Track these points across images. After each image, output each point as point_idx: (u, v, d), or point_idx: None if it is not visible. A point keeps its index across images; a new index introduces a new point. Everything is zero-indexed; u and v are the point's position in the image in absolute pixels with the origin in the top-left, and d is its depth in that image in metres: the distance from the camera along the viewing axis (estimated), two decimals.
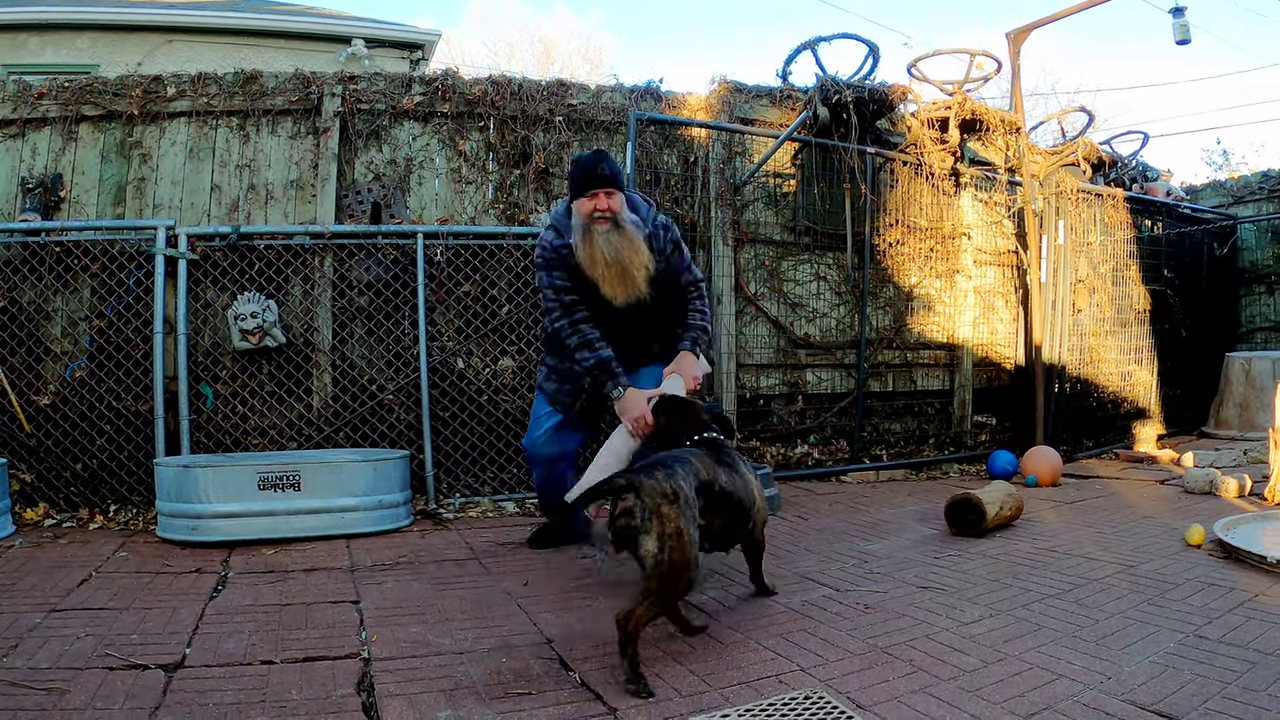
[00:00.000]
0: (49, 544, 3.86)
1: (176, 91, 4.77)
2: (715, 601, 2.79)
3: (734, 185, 5.11)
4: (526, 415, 4.60)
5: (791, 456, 5.21)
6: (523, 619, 2.66)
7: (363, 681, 2.19)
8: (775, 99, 5.32)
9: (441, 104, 4.82)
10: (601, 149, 3.14)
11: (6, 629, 2.63)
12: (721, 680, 2.12)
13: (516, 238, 4.69)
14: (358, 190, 4.72)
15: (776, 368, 5.24)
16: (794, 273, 5.28)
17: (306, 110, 4.77)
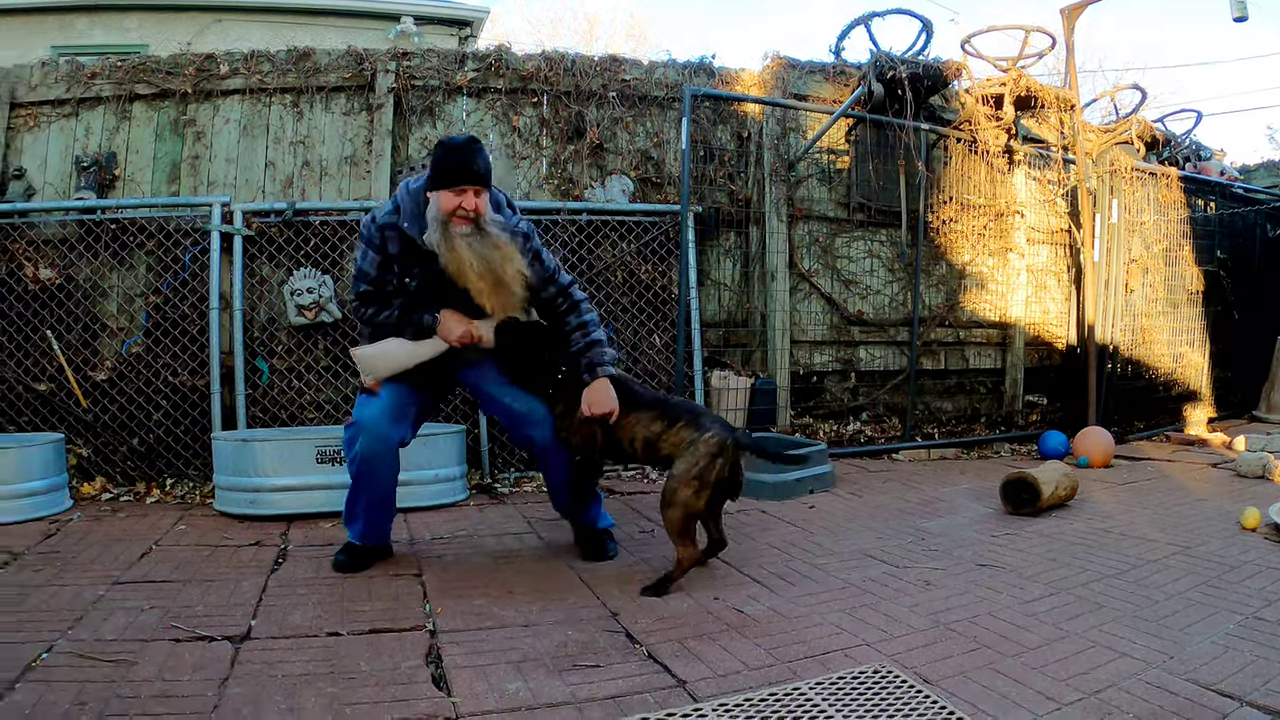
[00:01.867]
0: (107, 518, 3.87)
1: (230, 69, 4.77)
2: (777, 576, 2.77)
3: (788, 161, 5.06)
4: None
5: (844, 434, 5.15)
6: (585, 592, 2.65)
7: (430, 653, 2.18)
8: (829, 75, 5.27)
9: (495, 80, 4.80)
10: (474, 136, 2.78)
11: (70, 601, 2.63)
12: (788, 654, 2.11)
13: (571, 213, 4.66)
14: (412, 166, 4.70)
15: (830, 344, 5.19)
16: (847, 249, 5.23)
17: (360, 87, 4.76)
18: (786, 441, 4.55)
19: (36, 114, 4.84)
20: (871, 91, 5.10)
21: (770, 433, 4.80)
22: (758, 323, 5.04)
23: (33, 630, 2.38)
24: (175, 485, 4.37)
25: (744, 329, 5.08)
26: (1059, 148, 5.72)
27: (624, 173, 4.86)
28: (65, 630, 2.37)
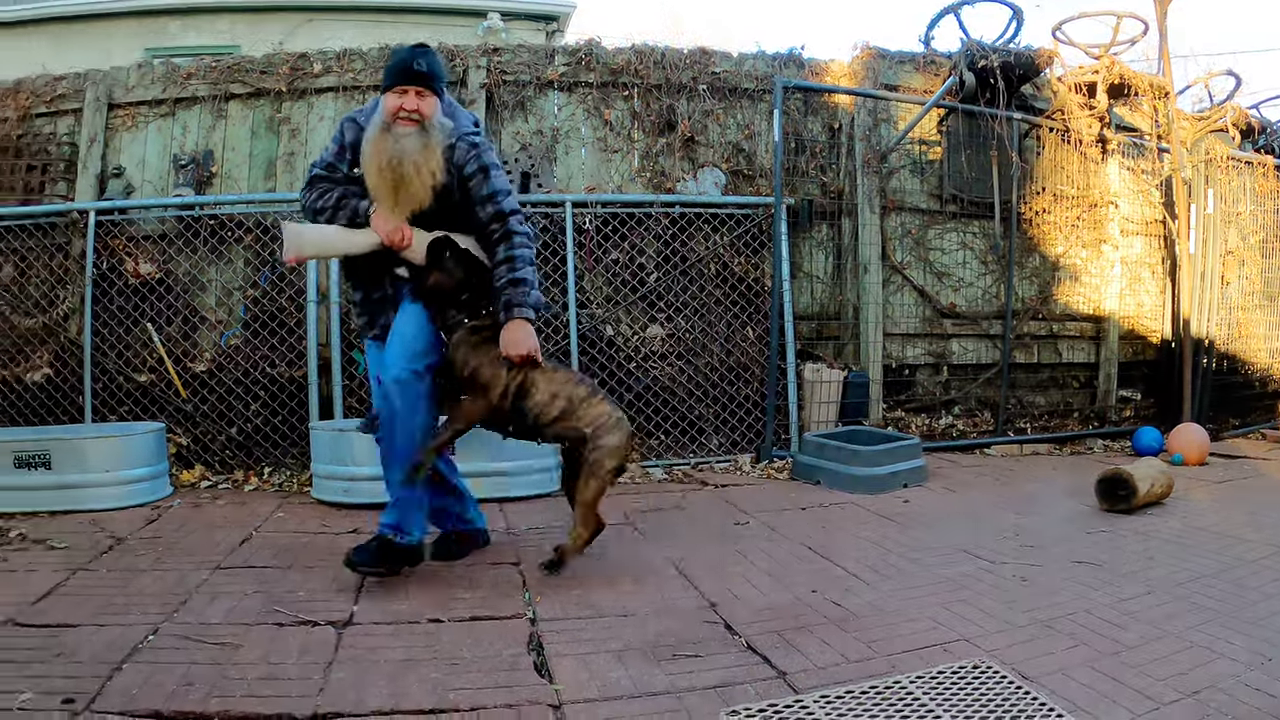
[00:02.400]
0: (207, 504, 3.92)
1: (323, 68, 4.83)
2: (873, 570, 2.73)
3: (880, 153, 4.98)
4: (675, 383, 4.55)
5: (936, 428, 5.06)
6: (682, 583, 2.63)
7: (530, 641, 2.17)
8: (919, 64, 5.19)
9: (585, 74, 4.80)
10: (423, 43, 2.66)
11: (174, 586, 2.67)
12: (888, 648, 2.09)
13: (664, 205, 4.63)
14: (505, 160, 4.71)
15: (922, 337, 5.10)
16: (940, 241, 5.13)
17: (452, 82, 4.76)
18: (878, 435, 4.48)
19: (134, 114, 4.95)
20: (963, 81, 5.01)
21: (863, 426, 4.72)
22: (850, 315, 4.97)
23: (139, 613, 2.42)
24: (273, 473, 4.41)
25: (836, 322, 5.01)
26: (1153, 136, 5.58)
27: (715, 165, 4.82)
28: (170, 613, 2.41)
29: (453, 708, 1.80)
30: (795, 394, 4.66)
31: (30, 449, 3.89)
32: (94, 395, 4.59)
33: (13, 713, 1.80)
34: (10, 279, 4.85)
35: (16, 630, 2.31)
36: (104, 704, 1.84)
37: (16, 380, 4.74)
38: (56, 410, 4.67)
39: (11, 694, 1.89)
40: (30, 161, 4.98)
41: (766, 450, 4.55)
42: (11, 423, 4.67)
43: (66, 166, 4.96)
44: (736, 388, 4.68)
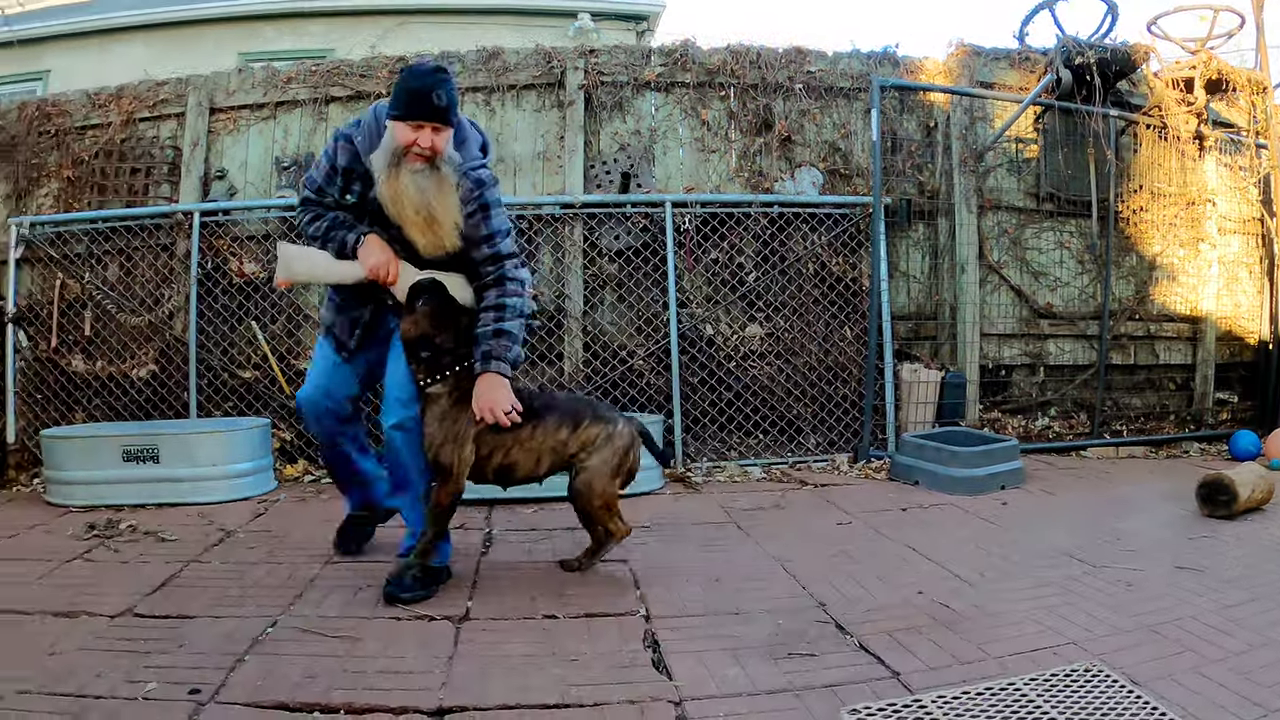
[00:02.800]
0: (311, 498, 3.99)
1: None
2: (978, 572, 2.70)
3: (977, 152, 4.94)
4: (774, 382, 4.54)
5: (1032, 429, 5.00)
6: (791, 582, 2.63)
7: (646, 638, 2.18)
8: (1013, 61, 5.13)
9: (681, 74, 4.81)
10: (442, 64, 2.46)
11: (287, 579, 2.71)
12: (998, 650, 2.07)
13: (763, 205, 4.63)
14: (604, 160, 4.74)
15: (1018, 337, 5.04)
16: (1036, 240, 5.07)
17: (549, 84, 4.82)
18: (975, 436, 4.44)
19: (235, 118, 5.05)
20: (1059, 78, 4.94)
21: (959, 427, 4.68)
22: (946, 315, 4.93)
23: (255, 605, 2.46)
24: None
25: (932, 321, 4.97)
26: (1250, 132, 5.46)
27: (812, 164, 4.81)
28: (286, 606, 2.44)
29: (576, 703, 1.82)
30: (892, 394, 4.63)
31: (139, 443, 3.99)
32: (199, 391, 4.69)
33: (138, 702, 1.84)
34: (116, 278, 4.97)
35: (136, 620, 2.37)
36: (229, 695, 1.87)
37: (123, 376, 4.86)
38: (162, 406, 4.78)
39: (137, 683, 1.93)
40: (134, 165, 5.10)
41: (864, 450, 4.53)
42: (118, 418, 4.79)
43: (170, 169, 5.07)
44: (834, 387, 4.66)
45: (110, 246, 4.92)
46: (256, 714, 1.79)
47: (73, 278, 4.94)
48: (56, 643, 2.19)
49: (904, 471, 4.22)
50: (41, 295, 4.97)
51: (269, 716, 1.78)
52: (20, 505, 4.07)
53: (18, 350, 4.92)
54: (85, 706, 1.82)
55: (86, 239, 4.94)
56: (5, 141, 5.26)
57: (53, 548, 3.18)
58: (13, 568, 2.91)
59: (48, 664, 2.06)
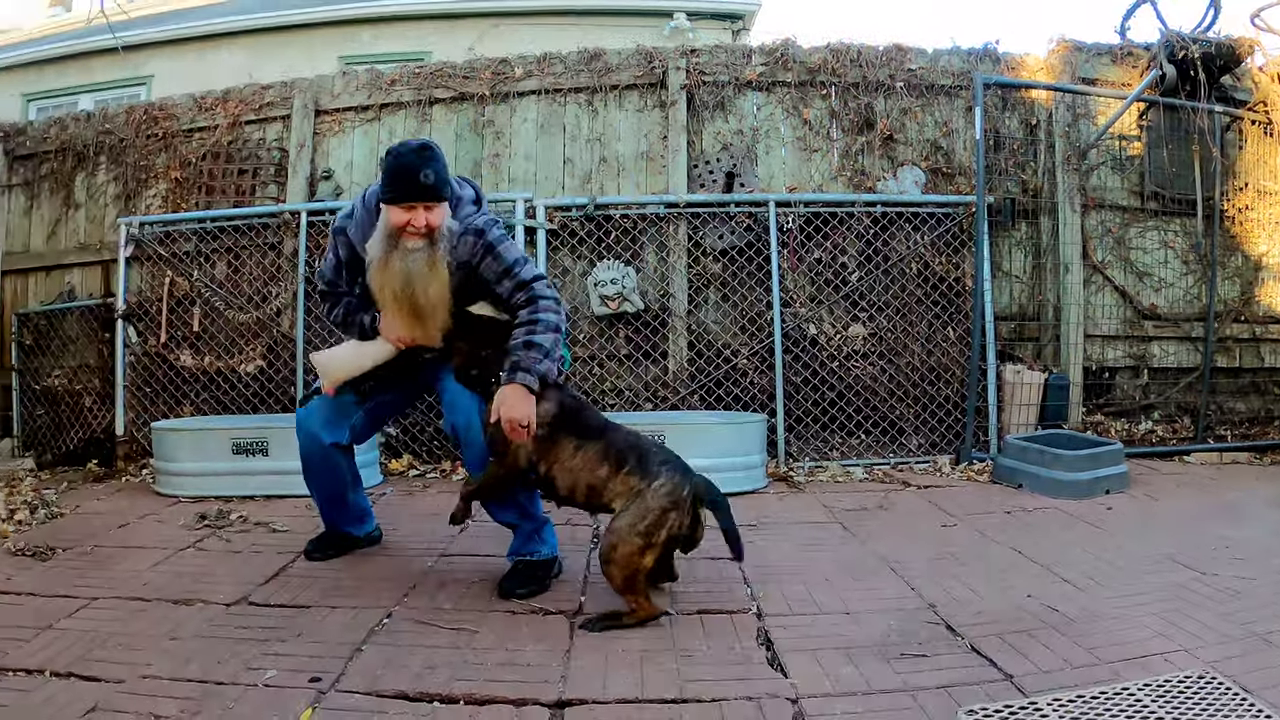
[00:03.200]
0: (418, 493, 4.06)
1: (524, 72, 4.95)
2: (1086, 576, 2.66)
3: (1080, 149, 4.88)
4: (876, 382, 4.53)
5: (1135, 433, 4.92)
6: (899, 583, 2.61)
7: (759, 636, 2.18)
8: (1115, 57, 5.06)
9: (782, 73, 4.82)
10: (428, 142, 2.45)
11: (400, 570, 2.76)
12: (1109, 655, 2.03)
13: (866, 205, 4.62)
14: (706, 160, 4.77)
15: (1121, 339, 4.97)
16: (1140, 240, 4.99)
17: (651, 84, 4.85)
18: (1080, 439, 4.38)
19: (340, 120, 5.15)
20: (1164, 74, 4.86)
21: (1062, 429, 4.62)
22: (1049, 316, 4.87)
23: (370, 597, 2.50)
24: None
25: (1035, 322, 4.92)
26: None
27: (914, 163, 4.79)
28: (401, 598, 2.48)
29: (695, 699, 1.82)
30: (995, 395, 4.59)
31: (249, 436, 4.09)
32: (305, 386, 4.79)
33: (259, 689, 1.88)
34: (224, 276, 5.11)
35: (253, 609, 2.42)
36: (349, 684, 1.90)
37: (231, 371, 4.99)
38: (269, 400, 4.90)
39: (258, 670, 1.97)
40: (241, 166, 5.23)
41: (966, 452, 4.50)
42: (225, 411, 4.92)
43: (276, 170, 5.20)
44: (936, 388, 4.64)
45: (218, 245, 5.06)
46: (377, 702, 1.82)
47: (181, 275, 5.08)
48: (176, 629, 2.26)
49: (1007, 474, 4.18)
50: (150, 292, 5.12)
51: (390, 705, 1.81)
52: (130, 495, 4.21)
53: (127, 345, 5.07)
54: (208, 692, 1.86)
55: (195, 238, 5.08)
56: (114, 144, 5.44)
57: (166, 537, 3.28)
58: (130, 556, 3.00)
59: (169, 649, 2.12)
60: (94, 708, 1.81)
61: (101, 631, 2.24)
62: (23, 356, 5.51)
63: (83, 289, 5.47)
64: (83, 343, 5.39)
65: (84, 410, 5.37)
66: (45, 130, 5.60)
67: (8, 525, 3.49)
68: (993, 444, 4.56)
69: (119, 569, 2.84)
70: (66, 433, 5.38)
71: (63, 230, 5.51)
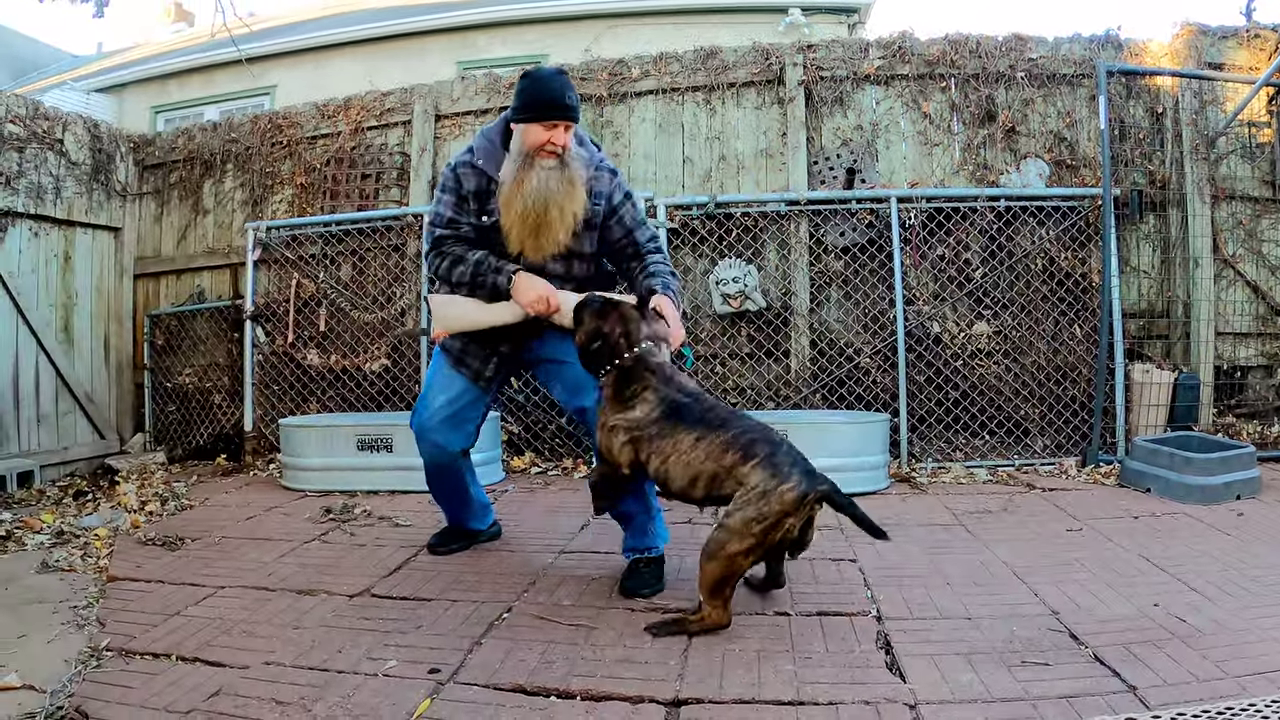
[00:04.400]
0: (539, 489, 4.13)
1: (640, 72, 5.01)
2: (1215, 586, 2.57)
3: (1209, 138, 4.74)
4: (1001, 381, 4.48)
5: (1268, 436, 4.77)
6: (1023, 589, 2.56)
7: (879, 639, 2.16)
8: (1242, 39, 4.89)
9: (901, 66, 4.78)
10: (562, 69, 2.57)
11: (520, 567, 2.81)
12: (1236, 668, 1.96)
13: (989, 199, 4.57)
14: (826, 156, 4.76)
15: (1254, 337, 4.82)
16: (1273, 232, 4.83)
17: (769, 81, 4.87)
18: (1210, 442, 4.27)
19: (460, 124, 5.28)
20: None
21: (1192, 432, 4.51)
22: (1179, 313, 4.75)
23: (490, 592, 2.55)
24: None
25: (1163, 319, 4.81)
26: None
27: (1038, 155, 4.71)
28: (521, 593, 2.53)
29: (811, 701, 1.82)
30: (1123, 396, 4.50)
31: (374, 433, 4.23)
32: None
33: (379, 678, 1.94)
34: (349, 278, 5.29)
35: (375, 601, 2.49)
36: (467, 676, 1.94)
37: (356, 369, 5.17)
38: (394, 398, 5.06)
39: (377, 660, 2.04)
40: (364, 171, 5.41)
41: (1093, 454, 4.42)
42: (350, 409, 5.11)
43: (398, 174, 5.36)
44: (1063, 388, 4.58)
45: (343, 248, 5.24)
46: (495, 695, 1.85)
47: (307, 277, 5.28)
48: (299, 619, 2.34)
49: (1135, 477, 4.10)
50: (278, 294, 5.33)
51: (507, 698, 1.84)
52: (258, 489, 4.40)
53: (256, 345, 5.29)
54: (328, 680, 1.93)
55: (320, 241, 5.27)
56: (240, 152, 5.67)
57: (292, 529, 3.41)
58: (256, 547, 3.13)
59: (292, 637, 2.21)
60: (218, 691, 1.89)
61: (227, 619, 2.35)
62: (154, 356, 5.80)
63: (212, 291, 5.72)
64: (212, 342, 5.66)
65: (213, 407, 5.63)
66: (173, 140, 5.85)
67: (139, 515, 3.70)
68: (1120, 446, 4.47)
69: (245, 559, 2.96)
70: (196, 428, 5.65)
71: (192, 235, 5.77)
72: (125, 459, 5.32)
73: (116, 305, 5.78)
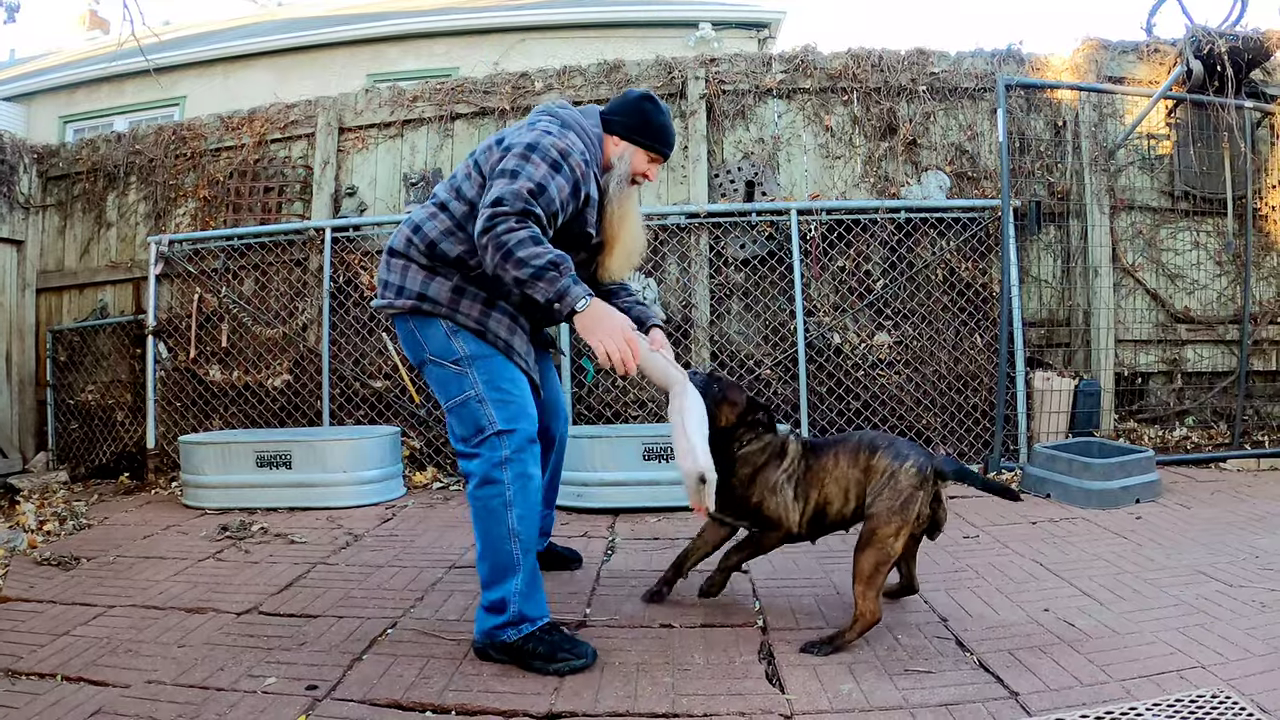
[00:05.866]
0: (439, 505, 4.08)
1: (544, 85, 4.97)
2: (1106, 589, 2.60)
3: (1108, 150, 4.79)
4: (903, 391, 4.47)
5: (1169, 440, 4.81)
6: (913, 597, 2.57)
7: (761, 650, 2.16)
8: (1142, 54, 4.97)
9: (803, 80, 4.78)
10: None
11: (410, 582, 2.78)
12: (1121, 672, 1.98)
13: (890, 211, 4.57)
14: (728, 169, 4.74)
15: (1154, 344, 4.86)
16: (1172, 241, 4.89)
17: (671, 94, 4.84)
18: (1110, 448, 4.30)
19: (364, 136, 5.20)
20: (1190, 70, 4.76)
21: (1093, 437, 4.53)
22: (1079, 321, 4.79)
23: (377, 607, 2.54)
24: None
25: (1064, 328, 4.83)
26: None
27: (939, 168, 4.73)
28: (408, 609, 2.51)
29: (686, 713, 1.83)
30: (1024, 403, 4.52)
31: (273, 449, 4.14)
32: (331, 400, 4.84)
33: (258, 695, 1.92)
34: (252, 292, 5.18)
35: (262, 618, 2.47)
36: (344, 692, 1.94)
37: (258, 385, 5.05)
38: (295, 414, 4.95)
39: (258, 678, 2.02)
40: (267, 184, 5.31)
41: (995, 461, 4.43)
42: (253, 425, 4.99)
43: (301, 187, 5.26)
44: (964, 396, 4.58)
45: (245, 262, 5.13)
46: (370, 710, 1.85)
47: (210, 292, 5.16)
48: (185, 637, 2.32)
49: (1035, 484, 4.11)
50: (180, 309, 5.20)
51: (382, 714, 1.84)
52: (159, 507, 4.29)
53: (158, 361, 5.16)
54: (207, 697, 1.92)
55: (223, 255, 5.16)
56: (144, 164, 5.55)
57: (187, 548, 3.36)
58: (150, 566, 3.08)
59: (176, 656, 2.19)
60: (98, 711, 1.87)
61: (115, 639, 2.32)
62: (57, 372, 5.64)
63: (115, 306, 5.58)
64: (115, 358, 5.51)
65: (116, 425, 5.48)
66: (77, 152, 5.72)
67: (36, 535, 3.59)
68: (1022, 453, 4.49)
69: (138, 578, 2.92)
70: (99, 446, 5.49)
71: (95, 249, 5.63)
72: (27, 478, 5.15)
73: (19, 320, 5.62)
